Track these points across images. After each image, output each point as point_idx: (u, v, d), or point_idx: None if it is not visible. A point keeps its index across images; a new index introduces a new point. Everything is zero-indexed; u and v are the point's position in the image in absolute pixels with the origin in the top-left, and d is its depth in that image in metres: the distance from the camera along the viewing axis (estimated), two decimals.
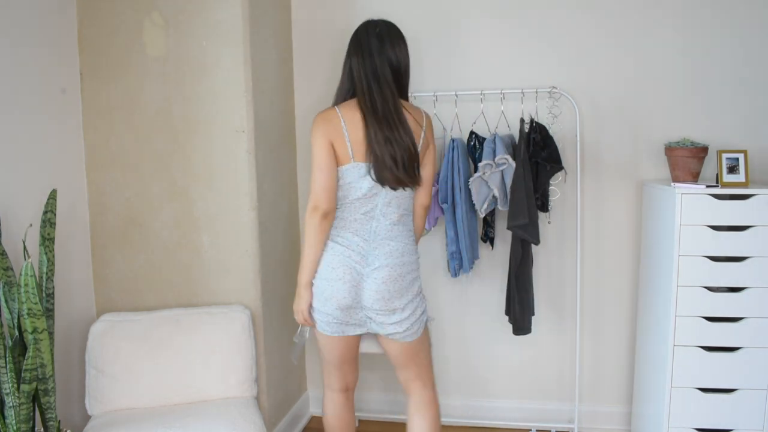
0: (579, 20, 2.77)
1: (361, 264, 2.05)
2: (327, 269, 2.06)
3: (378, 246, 2.05)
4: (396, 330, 2.09)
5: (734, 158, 2.41)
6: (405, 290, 2.07)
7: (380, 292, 2.03)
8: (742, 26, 2.65)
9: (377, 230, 2.06)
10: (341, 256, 2.05)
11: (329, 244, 2.07)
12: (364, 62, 2.07)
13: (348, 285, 2.04)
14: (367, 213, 2.07)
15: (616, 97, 2.78)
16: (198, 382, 2.35)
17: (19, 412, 1.87)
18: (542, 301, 2.90)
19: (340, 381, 2.26)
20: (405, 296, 2.07)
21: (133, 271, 2.63)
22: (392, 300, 2.05)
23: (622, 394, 2.93)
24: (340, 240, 2.06)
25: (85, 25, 2.55)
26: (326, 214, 2.04)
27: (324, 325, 2.11)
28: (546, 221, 2.81)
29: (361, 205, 2.06)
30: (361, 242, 2.06)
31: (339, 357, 2.19)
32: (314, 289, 2.10)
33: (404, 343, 2.13)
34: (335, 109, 2.08)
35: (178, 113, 2.54)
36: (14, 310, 1.92)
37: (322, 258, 2.07)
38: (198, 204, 2.57)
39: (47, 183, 2.29)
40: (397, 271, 2.05)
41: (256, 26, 2.55)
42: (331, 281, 2.05)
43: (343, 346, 2.16)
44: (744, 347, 2.37)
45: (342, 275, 2.04)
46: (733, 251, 2.34)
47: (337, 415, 2.28)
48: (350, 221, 2.07)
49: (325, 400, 2.30)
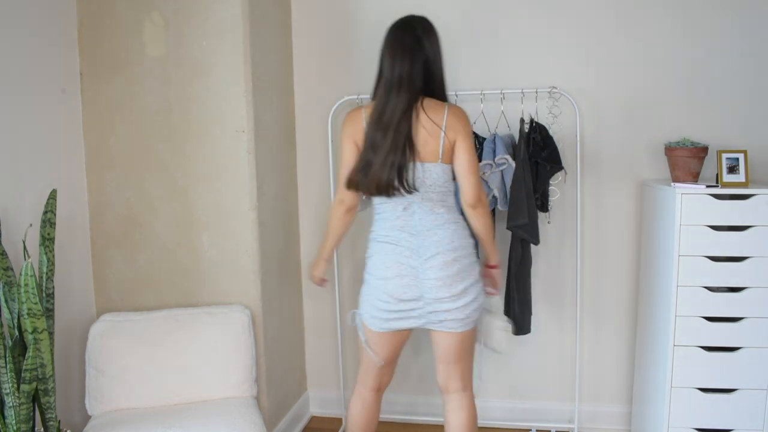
0: (579, 20, 2.78)
1: (413, 258, 2.08)
2: (381, 269, 2.10)
3: (426, 237, 2.08)
4: (456, 317, 2.09)
5: (734, 158, 2.41)
6: (465, 273, 2.10)
7: (441, 279, 2.06)
8: (742, 26, 2.66)
9: (422, 223, 2.09)
10: (392, 254, 2.09)
11: (378, 245, 2.14)
12: (393, 64, 2.07)
13: (406, 280, 2.08)
14: (406, 209, 2.10)
15: (616, 97, 2.78)
16: (198, 382, 2.35)
17: (19, 412, 1.87)
18: (542, 301, 2.90)
19: (376, 380, 2.28)
20: (467, 279, 2.10)
21: (133, 271, 2.63)
22: (455, 284, 2.07)
23: (622, 394, 2.93)
24: (389, 238, 2.11)
25: (85, 25, 2.55)
26: (350, 208, 2.20)
27: (374, 321, 2.15)
28: (546, 221, 2.81)
29: (398, 201, 2.09)
30: (408, 237, 2.09)
31: (384, 354, 2.22)
32: (369, 289, 2.15)
33: (459, 335, 2.14)
34: (361, 107, 2.14)
35: (178, 113, 2.54)
36: (14, 310, 1.92)
37: (375, 258, 2.14)
38: (198, 204, 2.57)
39: (47, 183, 2.29)
40: (451, 256, 2.07)
41: (256, 26, 2.55)
42: (388, 279, 2.09)
43: (391, 343, 2.21)
44: (744, 347, 2.37)
45: (398, 272, 2.08)
46: (733, 251, 2.34)
47: (364, 413, 2.30)
48: (393, 219, 2.11)
49: (354, 398, 2.32)
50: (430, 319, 2.12)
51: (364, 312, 2.19)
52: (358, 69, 2.95)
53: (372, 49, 2.93)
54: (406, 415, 3.06)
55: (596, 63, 2.78)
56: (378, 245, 2.14)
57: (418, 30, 2.10)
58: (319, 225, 3.09)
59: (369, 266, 2.17)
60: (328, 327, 3.15)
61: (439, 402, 2.33)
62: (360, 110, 2.13)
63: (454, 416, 2.23)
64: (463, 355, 2.20)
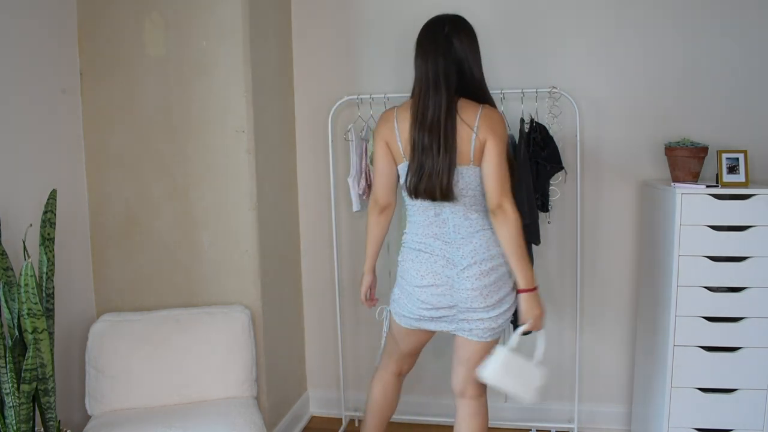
0: (579, 20, 2.78)
1: (448, 267, 2.03)
2: (416, 277, 2.06)
3: (461, 246, 2.02)
4: (488, 326, 2.04)
5: (734, 158, 2.41)
6: (501, 282, 2.04)
7: (477, 289, 2.00)
8: (742, 26, 2.66)
9: (456, 230, 2.03)
10: (427, 263, 2.05)
11: (412, 252, 2.09)
12: (424, 64, 2.03)
13: (441, 289, 2.03)
14: (438, 214, 2.05)
15: (616, 96, 2.78)
16: (198, 382, 2.35)
17: (19, 412, 1.87)
18: (542, 301, 2.90)
19: (398, 365, 2.31)
20: (503, 289, 2.04)
21: (133, 271, 2.62)
22: (490, 295, 2.01)
23: (622, 394, 2.93)
24: (422, 246, 2.07)
25: (85, 25, 2.55)
26: (383, 208, 2.17)
27: (404, 320, 2.15)
28: (546, 221, 2.81)
29: (428, 206, 2.05)
30: (442, 245, 2.04)
31: (408, 347, 2.25)
32: (403, 293, 2.13)
33: (486, 343, 2.08)
34: (394, 108, 2.13)
35: (178, 113, 2.54)
36: (14, 310, 1.92)
37: (408, 265, 2.09)
38: (198, 204, 2.57)
39: (47, 183, 2.29)
40: (487, 266, 2.01)
41: (256, 26, 2.55)
42: (423, 288, 2.06)
43: (418, 339, 2.23)
44: (744, 347, 2.37)
45: (433, 281, 2.04)
46: (733, 251, 2.34)
47: (383, 394, 2.31)
48: (425, 225, 2.06)
49: (374, 380, 2.33)
50: (461, 326, 2.08)
51: (395, 311, 2.18)
52: (358, 69, 2.95)
53: (372, 49, 2.95)
54: (417, 415, 3.05)
55: (596, 63, 2.78)
56: (412, 252, 2.09)
57: (447, 28, 2.03)
58: (319, 225, 3.09)
59: (402, 271, 2.13)
60: (328, 327, 3.15)
61: (451, 403, 2.32)
62: (393, 111, 2.11)
63: (468, 423, 2.18)
64: (484, 359, 2.13)
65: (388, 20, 2.91)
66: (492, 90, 2.71)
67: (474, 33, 2.07)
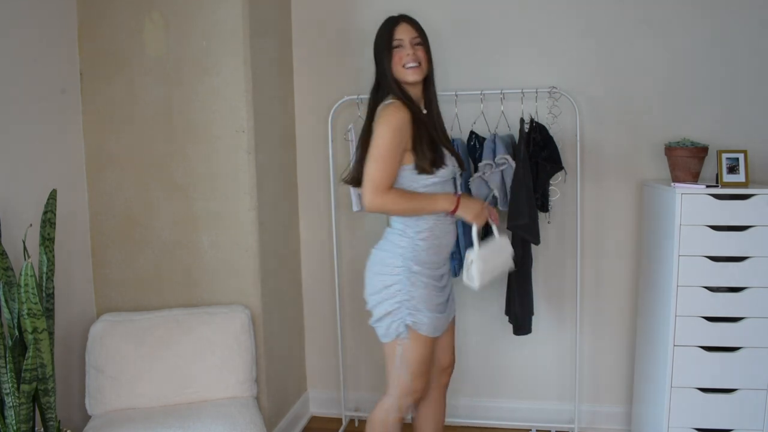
0: (579, 20, 2.78)
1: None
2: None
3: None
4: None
5: (734, 158, 2.41)
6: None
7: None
8: (742, 26, 2.66)
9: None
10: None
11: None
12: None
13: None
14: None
15: (616, 97, 2.78)
16: (198, 382, 2.35)
17: (19, 412, 1.87)
18: (542, 301, 2.90)
19: (437, 376, 2.31)
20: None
21: (133, 271, 2.63)
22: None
23: (622, 394, 2.93)
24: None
25: (85, 25, 2.55)
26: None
27: (434, 330, 2.11)
28: (546, 221, 2.81)
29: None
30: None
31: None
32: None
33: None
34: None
35: (178, 113, 2.54)
36: (14, 310, 1.92)
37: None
38: (198, 204, 2.57)
39: (47, 183, 2.29)
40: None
41: (256, 26, 2.56)
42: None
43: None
44: (744, 347, 2.37)
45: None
46: (733, 251, 2.34)
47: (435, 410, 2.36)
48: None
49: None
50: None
51: (427, 328, 2.08)
52: (358, 69, 2.95)
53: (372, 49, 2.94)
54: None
55: (596, 63, 2.78)
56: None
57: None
58: (319, 225, 3.09)
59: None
60: (328, 327, 3.15)
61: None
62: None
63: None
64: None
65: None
66: (492, 90, 2.75)
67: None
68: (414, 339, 2.08)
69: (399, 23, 2.13)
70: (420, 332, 2.07)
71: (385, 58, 2.10)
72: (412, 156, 2.04)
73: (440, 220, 2.10)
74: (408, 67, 2.08)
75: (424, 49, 2.13)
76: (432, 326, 2.08)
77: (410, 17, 2.17)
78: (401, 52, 2.09)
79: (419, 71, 2.09)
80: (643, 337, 2.73)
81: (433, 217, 2.08)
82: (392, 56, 2.09)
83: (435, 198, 2.05)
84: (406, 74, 2.09)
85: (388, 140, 1.98)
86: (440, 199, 2.06)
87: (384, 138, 1.99)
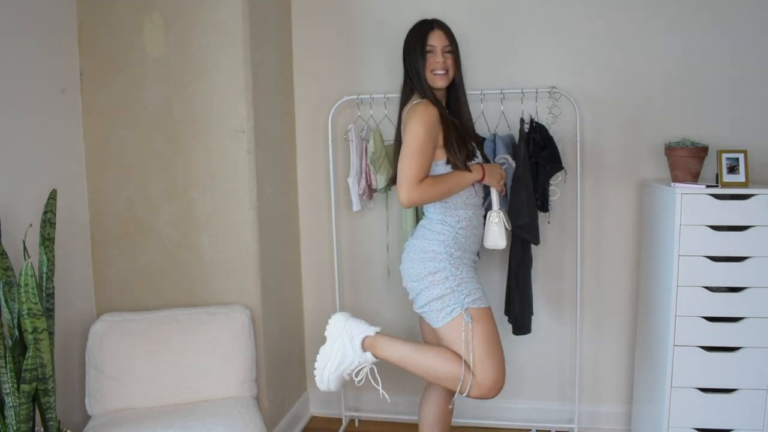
0: (579, 20, 2.78)
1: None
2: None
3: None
4: None
5: (734, 158, 2.41)
6: None
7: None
8: (741, 26, 2.65)
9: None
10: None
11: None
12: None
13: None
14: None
15: (616, 97, 2.78)
16: (198, 382, 2.35)
17: (19, 412, 1.87)
18: (542, 301, 2.90)
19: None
20: None
21: (133, 271, 2.63)
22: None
23: (622, 394, 2.93)
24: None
25: (85, 25, 2.55)
26: None
27: (483, 300, 2.18)
28: (546, 221, 2.81)
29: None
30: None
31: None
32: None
33: None
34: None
35: (178, 113, 2.54)
36: (14, 310, 1.92)
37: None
38: (198, 204, 2.57)
39: (47, 183, 2.29)
40: None
41: (256, 26, 2.56)
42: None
43: None
44: (744, 347, 2.37)
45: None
46: (733, 251, 2.34)
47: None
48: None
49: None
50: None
51: (481, 301, 2.17)
52: (358, 69, 2.95)
53: (372, 49, 2.95)
54: (390, 414, 3.06)
55: (596, 63, 2.78)
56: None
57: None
58: (319, 225, 3.09)
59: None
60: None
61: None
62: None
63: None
64: None
65: (389, 20, 2.91)
66: (492, 90, 2.75)
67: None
68: (477, 319, 2.13)
69: (433, 29, 2.24)
70: (480, 307, 2.15)
71: (419, 61, 2.23)
72: (444, 152, 2.16)
73: (477, 212, 2.25)
74: (436, 74, 2.22)
75: (453, 57, 2.26)
76: (484, 296, 2.19)
77: (443, 23, 2.29)
78: (432, 58, 2.22)
79: (446, 78, 2.24)
80: (643, 337, 2.73)
81: (471, 208, 2.22)
82: (425, 61, 2.22)
83: (463, 173, 2.18)
84: (434, 80, 2.23)
85: (420, 136, 2.10)
86: (468, 173, 2.18)
87: (417, 134, 2.11)
